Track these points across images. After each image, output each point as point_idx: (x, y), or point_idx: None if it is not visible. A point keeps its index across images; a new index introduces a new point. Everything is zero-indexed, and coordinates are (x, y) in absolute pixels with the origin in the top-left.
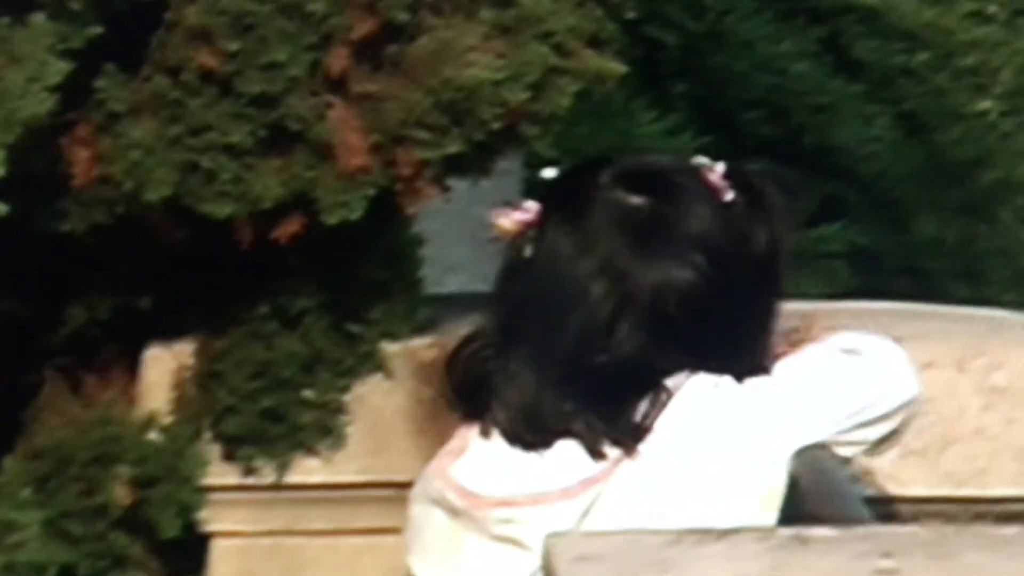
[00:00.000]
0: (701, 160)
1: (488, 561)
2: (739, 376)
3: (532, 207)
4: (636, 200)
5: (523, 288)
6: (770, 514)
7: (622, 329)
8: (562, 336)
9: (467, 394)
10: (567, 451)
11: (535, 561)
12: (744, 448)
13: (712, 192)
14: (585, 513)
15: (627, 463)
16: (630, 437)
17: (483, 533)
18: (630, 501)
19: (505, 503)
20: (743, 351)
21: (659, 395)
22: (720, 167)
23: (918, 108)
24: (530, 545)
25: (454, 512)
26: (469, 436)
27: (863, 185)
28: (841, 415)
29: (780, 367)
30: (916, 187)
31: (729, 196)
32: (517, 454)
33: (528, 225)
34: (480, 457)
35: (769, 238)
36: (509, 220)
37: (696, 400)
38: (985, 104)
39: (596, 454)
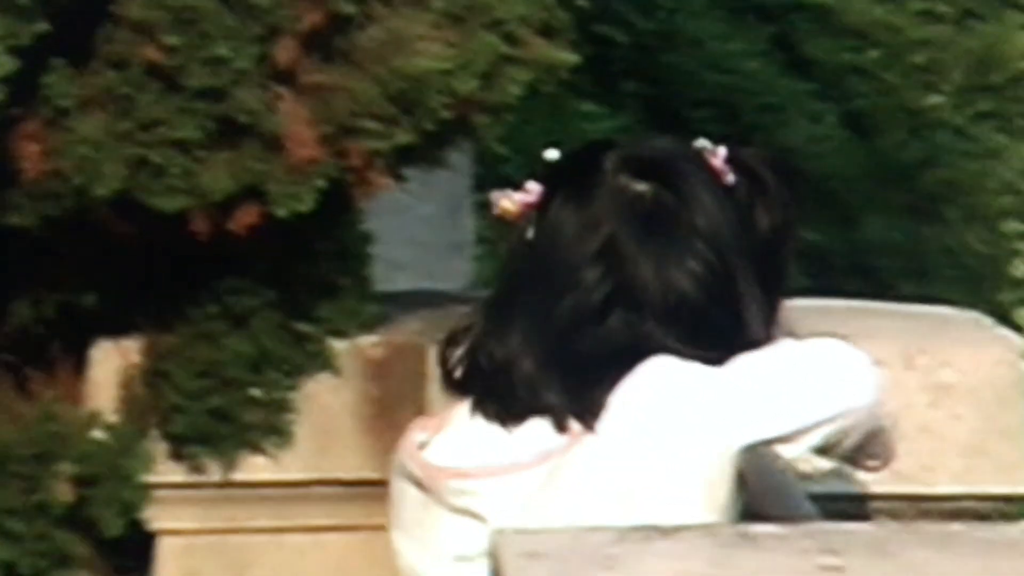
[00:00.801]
0: (703, 143)
1: (450, 534)
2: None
3: (535, 188)
4: (641, 187)
5: (522, 268)
6: (714, 504)
7: (616, 315)
8: (554, 316)
9: (464, 372)
10: (535, 426)
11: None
12: (688, 433)
13: (715, 177)
14: (538, 489)
15: (584, 438)
16: (591, 414)
17: (444, 505)
18: (581, 477)
19: (459, 474)
20: (743, 342)
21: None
22: (722, 151)
23: (867, 106)
24: (487, 518)
25: (420, 485)
26: (452, 412)
27: (812, 184)
28: (796, 414)
29: (741, 359)
30: (865, 185)
31: (731, 179)
32: (490, 429)
33: (530, 207)
34: (455, 432)
35: (772, 223)
36: (512, 201)
37: (651, 378)
38: (935, 99)
39: (562, 429)
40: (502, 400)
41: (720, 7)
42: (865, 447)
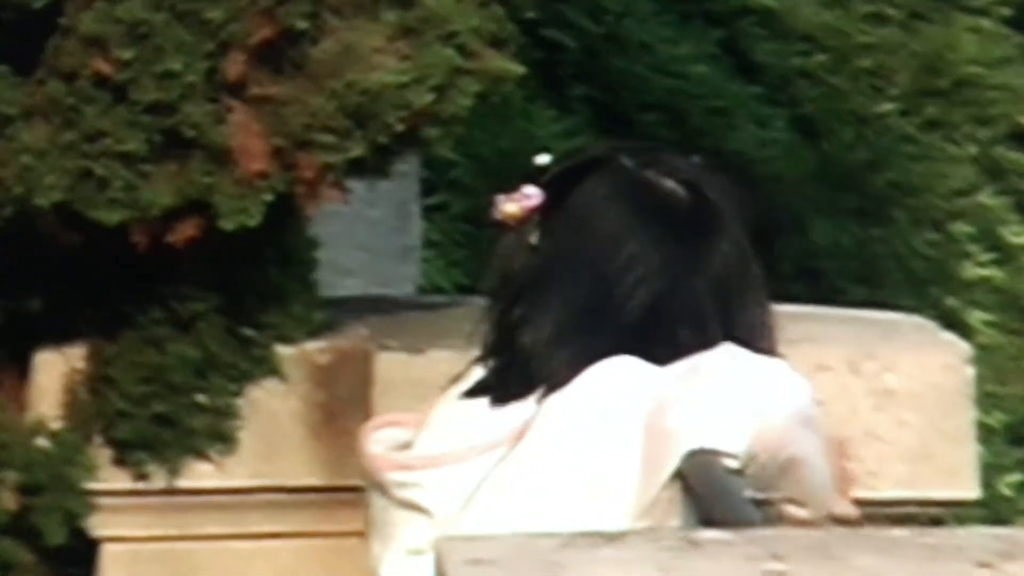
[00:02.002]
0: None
1: (401, 528)
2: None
3: (534, 193)
4: (672, 185)
5: (532, 269)
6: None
7: (637, 310)
8: (576, 305)
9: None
10: (495, 414)
11: (440, 527)
12: (633, 436)
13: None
14: (482, 482)
15: (529, 431)
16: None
17: (392, 500)
18: (520, 474)
19: (400, 466)
20: (757, 341)
21: None
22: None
23: (815, 110)
24: (431, 510)
25: (378, 486)
26: (432, 408)
27: (760, 187)
28: (737, 424)
29: (683, 364)
30: (812, 189)
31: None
32: (454, 418)
33: (534, 211)
34: (431, 423)
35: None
36: (517, 205)
37: (606, 378)
38: (885, 107)
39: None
40: (495, 384)
41: (668, 12)
42: (782, 481)
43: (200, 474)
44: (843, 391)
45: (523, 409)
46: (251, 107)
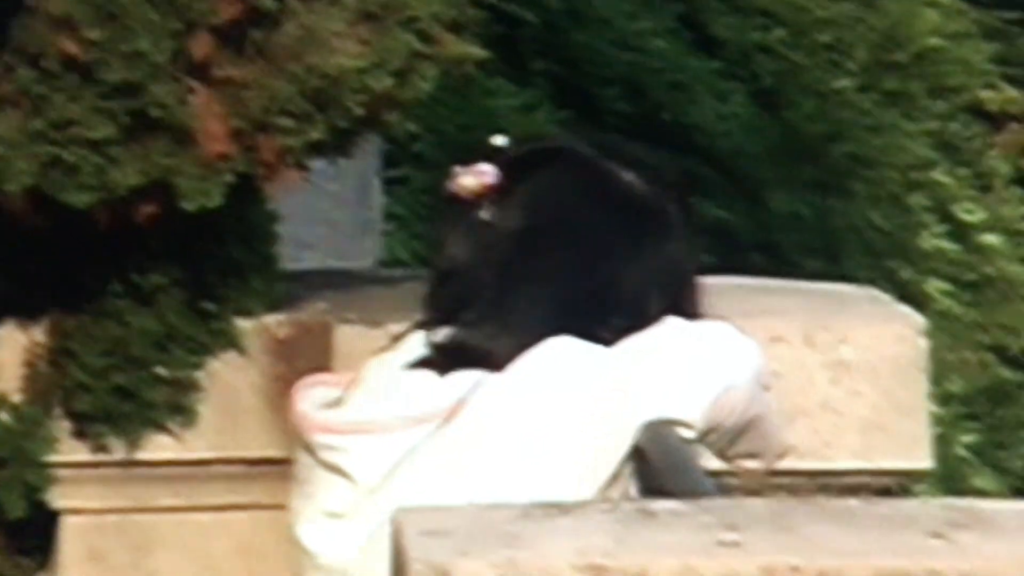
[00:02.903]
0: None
1: (324, 490)
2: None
3: (490, 171)
4: (631, 178)
5: (484, 245)
6: (600, 479)
7: (584, 295)
8: (523, 286)
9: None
10: (431, 386)
11: (360, 494)
12: (585, 410)
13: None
14: (407, 454)
15: (464, 408)
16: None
17: (317, 461)
18: (454, 449)
19: (327, 429)
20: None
21: None
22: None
23: (774, 85)
24: (354, 476)
25: (306, 445)
26: (365, 369)
27: (719, 161)
28: (686, 393)
29: (635, 339)
30: (771, 163)
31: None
32: (389, 386)
33: (491, 188)
34: (359, 387)
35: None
36: (475, 180)
37: (552, 354)
38: (842, 82)
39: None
40: (445, 349)
41: None
42: (741, 440)
43: (159, 446)
44: (798, 363)
45: (459, 385)
46: (213, 89)
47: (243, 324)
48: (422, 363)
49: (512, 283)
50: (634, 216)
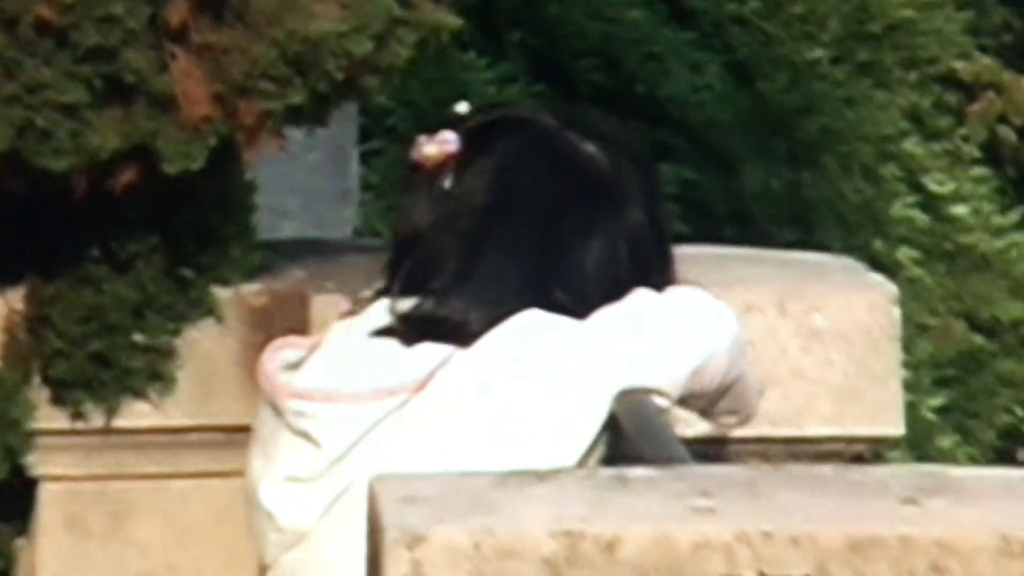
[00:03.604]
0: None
1: (286, 453)
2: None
3: (452, 139)
4: (592, 149)
5: (445, 220)
6: (578, 447)
7: (551, 268)
8: (490, 258)
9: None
10: (399, 357)
11: (325, 461)
12: (560, 379)
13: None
14: (375, 424)
15: (434, 381)
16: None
17: (285, 425)
18: (423, 422)
19: (299, 395)
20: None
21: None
22: None
23: (748, 56)
24: (321, 443)
25: (272, 403)
26: (329, 332)
27: (693, 133)
28: (664, 359)
29: (607, 309)
30: (745, 135)
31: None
32: (369, 354)
33: (452, 157)
34: (331, 353)
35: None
36: (437, 149)
37: (523, 330)
38: (816, 54)
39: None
40: (412, 319)
41: None
42: (722, 400)
43: (137, 414)
44: (771, 332)
45: (428, 357)
46: (193, 55)
47: (220, 293)
48: (388, 332)
49: (478, 254)
50: (594, 186)
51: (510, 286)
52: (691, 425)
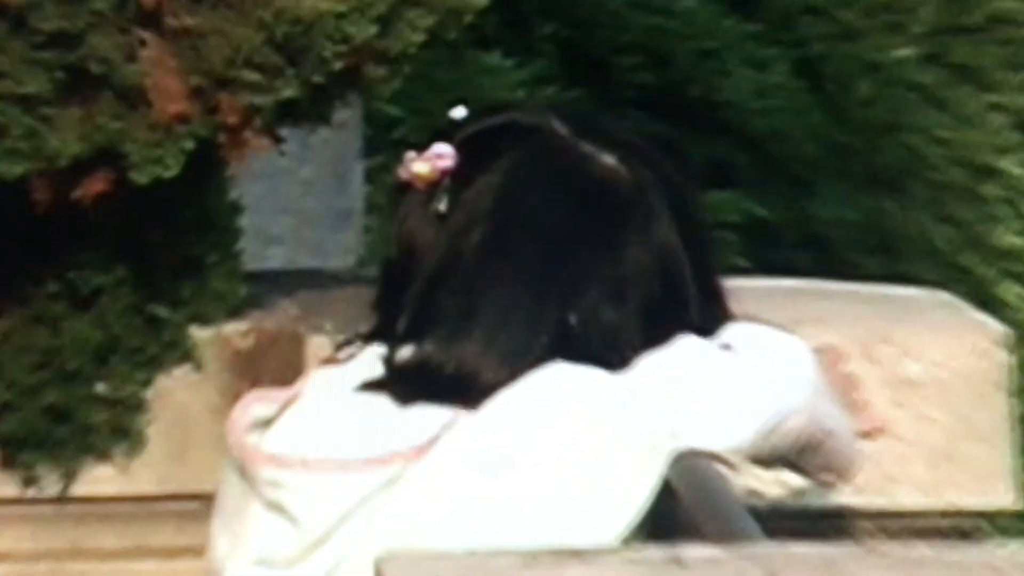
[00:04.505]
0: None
1: (260, 532)
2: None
3: (446, 153)
4: (611, 161)
5: (443, 249)
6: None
7: (575, 308)
8: (502, 298)
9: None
10: (394, 419)
11: (304, 542)
12: (594, 448)
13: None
14: (366, 499)
15: (437, 448)
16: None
17: (257, 497)
18: (422, 498)
19: (274, 461)
20: (716, 327)
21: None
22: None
23: (822, 53)
24: (299, 519)
25: (242, 469)
26: (305, 386)
27: (757, 145)
28: (725, 419)
29: (653, 359)
30: (818, 147)
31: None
32: (352, 415)
33: (445, 173)
34: (306, 412)
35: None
36: (428, 165)
37: (548, 385)
38: (903, 52)
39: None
40: (412, 375)
41: None
42: (810, 457)
43: (100, 479)
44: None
45: (429, 418)
46: (166, 40)
47: (199, 333)
48: (379, 386)
49: (481, 293)
50: (615, 207)
51: (523, 331)
52: (761, 491)
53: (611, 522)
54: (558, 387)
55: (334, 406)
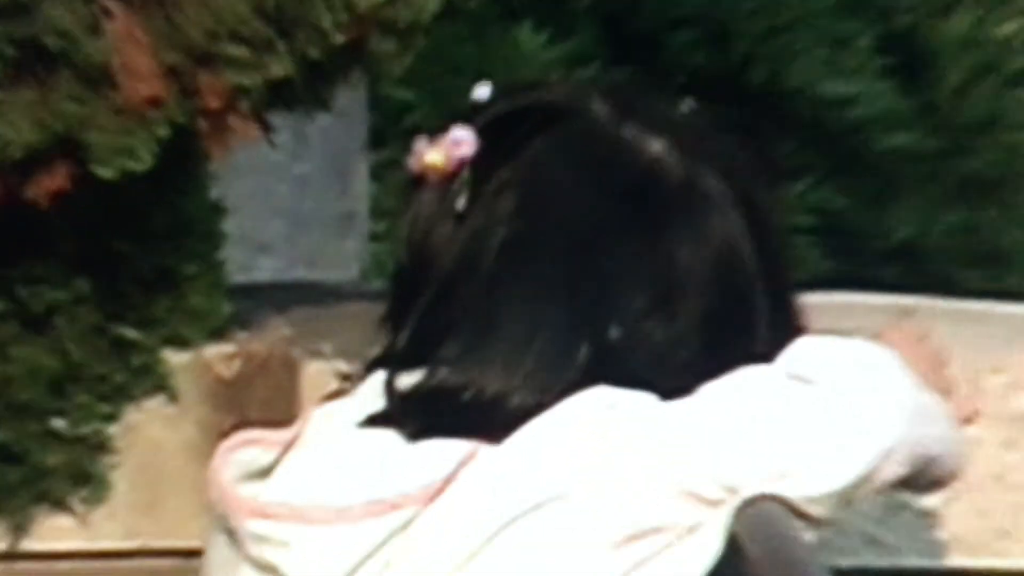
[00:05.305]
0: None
1: None
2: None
3: (467, 139)
4: (659, 149)
5: (461, 254)
6: None
7: (619, 324)
8: (533, 312)
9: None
10: (401, 456)
11: None
12: (644, 493)
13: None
14: (373, 552)
15: (452, 489)
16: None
17: (246, 558)
18: (438, 549)
19: (260, 513)
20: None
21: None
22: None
23: (912, 29)
24: None
25: (227, 527)
26: (306, 426)
27: (833, 139)
28: (772, 465)
29: (707, 393)
30: (906, 143)
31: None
32: (341, 455)
33: (464, 164)
34: (298, 455)
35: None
36: (443, 154)
37: (588, 415)
38: (1007, 27)
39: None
40: (420, 406)
41: None
42: (915, 483)
43: (56, 532)
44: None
45: (443, 455)
46: (136, 11)
47: (175, 358)
48: (385, 419)
49: (504, 305)
50: (662, 202)
51: (554, 348)
52: (842, 553)
53: None
54: (600, 418)
55: (334, 445)
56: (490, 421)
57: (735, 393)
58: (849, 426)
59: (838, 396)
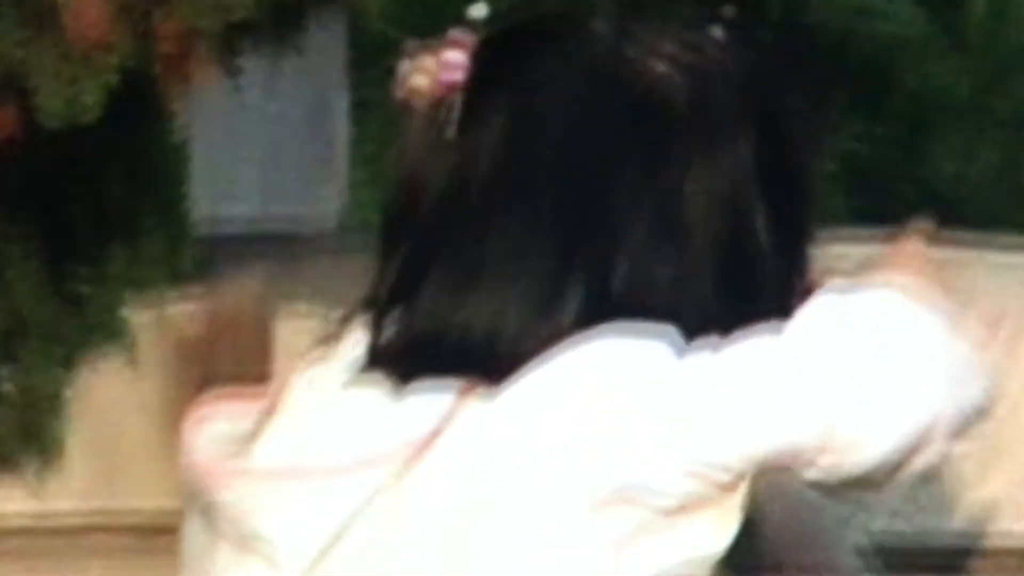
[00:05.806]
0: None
1: (227, 574)
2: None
3: (458, 61)
4: (664, 69)
5: (452, 185)
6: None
7: (626, 260)
8: (530, 247)
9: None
10: (382, 410)
11: None
12: (654, 452)
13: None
14: (360, 510)
15: (440, 443)
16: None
17: (223, 535)
18: (425, 509)
19: (234, 477)
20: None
21: None
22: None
23: None
24: (276, 556)
25: (202, 502)
26: (286, 388)
27: (862, 75)
28: (788, 441)
29: (721, 354)
30: (936, 81)
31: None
32: (314, 410)
33: (453, 88)
34: (282, 417)
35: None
36: (430, 78)
37: (588, 355)
38: None
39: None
40: (423, 350)
41: None
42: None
43: (6, 498)
44: (1005, 379)
45: (431, 403)
46: None
47: (134, 315)
48: (368, 379)
49: (491, 238)
50: (666, 129)
51: (544, 285)
52: (870, 525)
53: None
54: (606, 379)
55: (314, 405)
56: (479, 365)
57: (752, 358)
58: (880, 398)
59: (866, 364)
